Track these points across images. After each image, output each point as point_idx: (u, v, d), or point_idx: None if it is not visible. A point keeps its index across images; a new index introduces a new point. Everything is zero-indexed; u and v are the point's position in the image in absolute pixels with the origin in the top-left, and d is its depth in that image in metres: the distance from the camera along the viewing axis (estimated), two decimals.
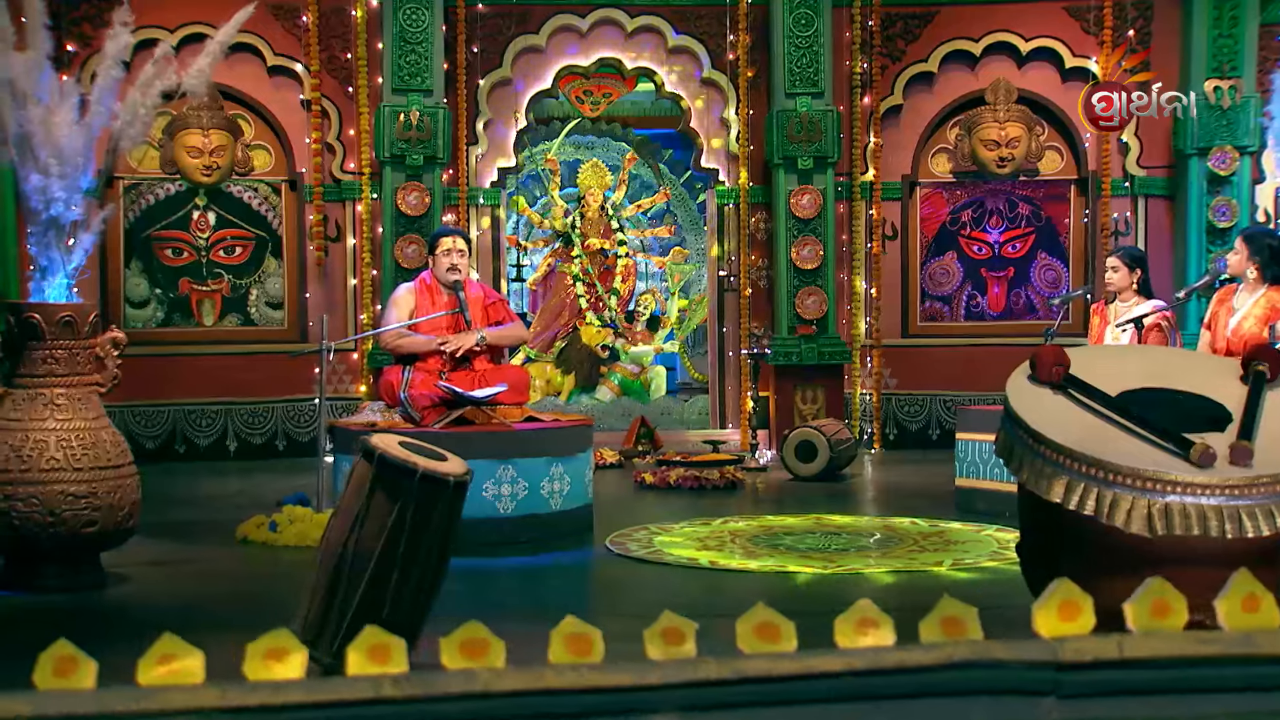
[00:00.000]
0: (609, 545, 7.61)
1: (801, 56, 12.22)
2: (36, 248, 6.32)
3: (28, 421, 6.16)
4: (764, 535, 7.97)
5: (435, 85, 12.01)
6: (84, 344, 6.30)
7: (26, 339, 6.20)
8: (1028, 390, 4.34)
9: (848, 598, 5.94)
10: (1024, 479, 4.11)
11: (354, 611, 4.61)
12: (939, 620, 1.79)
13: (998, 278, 12.94)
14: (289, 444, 12.37)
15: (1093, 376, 4.31)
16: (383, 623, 4.41)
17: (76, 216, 6.33)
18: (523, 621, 5.94)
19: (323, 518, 7.65)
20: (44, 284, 6.33)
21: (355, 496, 4.68)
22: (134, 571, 6.79)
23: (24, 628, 5.77)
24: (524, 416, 8.15)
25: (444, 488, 4.70)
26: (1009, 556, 7.20)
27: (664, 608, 5.69)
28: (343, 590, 4.64)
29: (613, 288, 14.23)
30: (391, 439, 4.82)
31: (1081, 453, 3.92)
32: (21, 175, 6.29)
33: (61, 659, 1.65)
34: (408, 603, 4.69)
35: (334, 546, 4.68)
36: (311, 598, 4.73)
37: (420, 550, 4.67)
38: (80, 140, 6.32)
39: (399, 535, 4.61)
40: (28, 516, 6.07)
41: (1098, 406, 4.20)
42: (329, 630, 4.65)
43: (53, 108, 6.28)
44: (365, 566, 4.61)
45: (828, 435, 10.48)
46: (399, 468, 4.63)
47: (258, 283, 12.51)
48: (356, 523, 4.64)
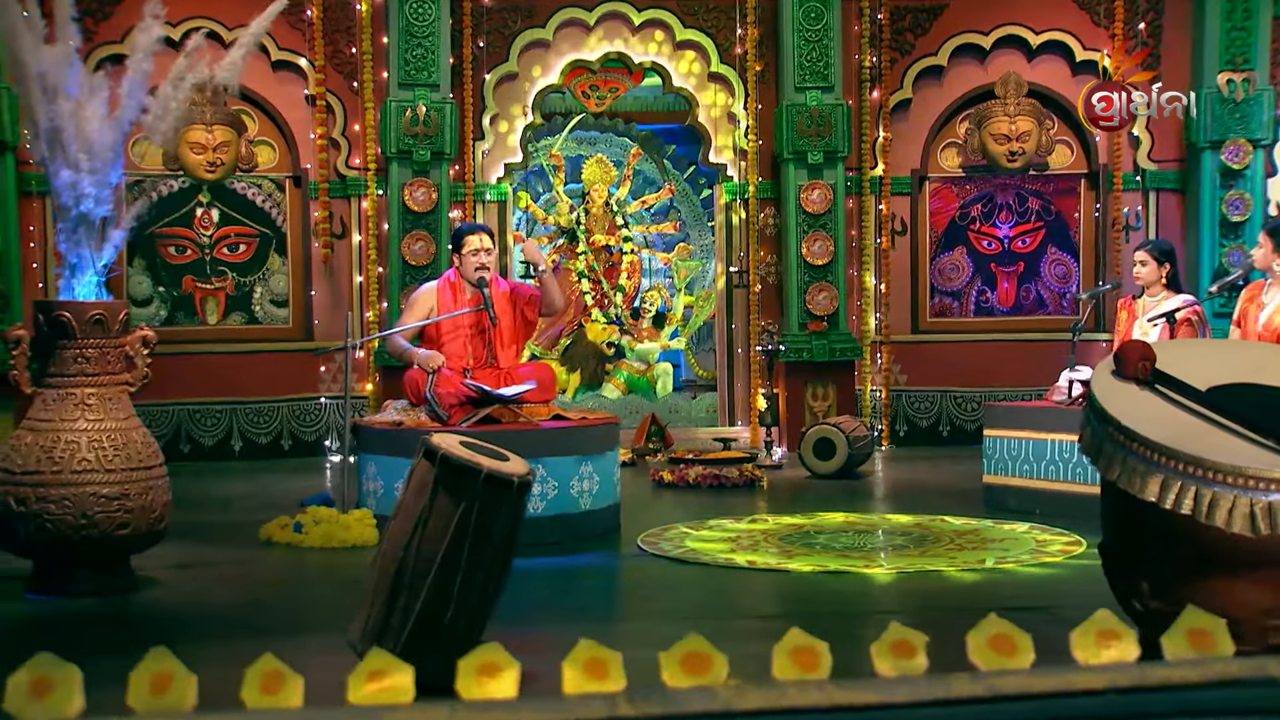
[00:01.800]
0: (641, 545, 7.48)
1: (811, 50, 12.11)
2: (66, 244, 6.17)
3: (58, 422, 6.01)
4: (796, 534, 7.86)
5: (442, 80, 11.87)
6: (114, 343, 6.16)
7: (56, 338, 6.06)
8: (1114, 387, 4.23)
9: (919, 597, 5.79)
10: (1115, 477, 4.00)
11: (416, 616, 4.48)
12: (1184, 633, 1.68)
13: (1007, 273, 12.86)
14: (295, 443, 12.22)
15: (1179, 372, 4.21)
16: (445, 627, 4.29)
17: (106, 213, 6.18)
18: (591, 623, 5.82)
19: (348, 519, 7.54)
20: (74, 281, 6.18)
21: (417, 498, 4.55)
22: (161, 575, 6.65)
23: (65, 633, 5.63)
24: (551, 415, 8.03)
25: (508, 488, 4.58)
26: (1051, 555, 7.12)
27: (722, 611, 5.52)
28: (405, 594, 4.50)
29: (618, 284, 14.11)
30: (452, 439, 4.68)
31: (1179, 450, 3.82)
32: (51, 171, 6.15)
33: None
34: (471, 606, 4.56)
35: (395, 549, 4.55)
36: (371, 602, 4.59)
37: (485, 552, 4.54)
38: (110, 135, 6.17)
39: (463, 537, 4.48)
40: (60, 519, 5.92)
41: (1188, 403, 4.11)
42: (390, 636, 4.52)
43: (82, 102, 6.13)
44: (428, 570, 4.48)
45: (846, 432, 10.38)
46: (463, 468, 4.51)
47: (262, 280, 12.36)
48: (419, 525, 4.51)
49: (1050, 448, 8.47)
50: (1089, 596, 6.24)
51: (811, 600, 6.29)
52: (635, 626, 5.81)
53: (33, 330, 6.23)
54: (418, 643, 4.45)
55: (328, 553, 7.34)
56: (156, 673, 1.51)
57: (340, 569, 7.04)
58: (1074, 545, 7.36)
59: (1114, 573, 4.38)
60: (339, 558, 7.25)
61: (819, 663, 1.67)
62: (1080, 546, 7.32)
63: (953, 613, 5.85)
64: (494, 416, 7.74)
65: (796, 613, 6.06)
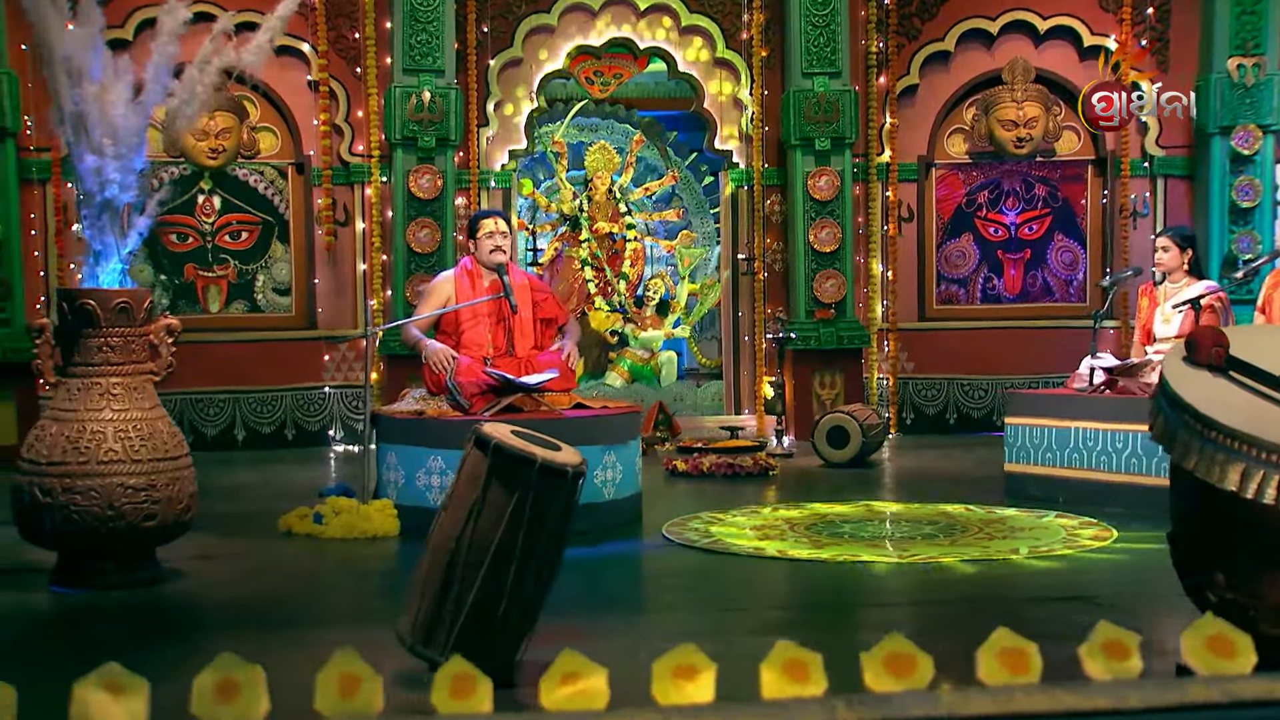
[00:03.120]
0: (666, 535, 7.40)
1: (819, 36, 12.02)
2: (90, 231, 6.06)
3: (83, 412, 5.90)
4: (821, 524, 7.77)
5: (447, 65, 11.74)
6: (139, 331, 6.06)
7: (81, 326, 5.94)
8: (1187, 373, 4.15)
9: (967, 586, 5.70)
10: (1191, 465, 3.92)
11: (470, 608, 4.39)
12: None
13: (1014, 260, 12.80)
14: (298, 433, 12.10)
15: (1253, 358, 4.13)
16: (499, 619, 4.17)
17: (131, 199, 6.07)
18: (631, 614, 5.73)
19: (369, 509, 7.44)
20: (97, 269, 6.07)
21: (469, 488, 4.45)
22: (185, 566, 6.54)
23: (100, 627, 5.55)
24: (572, 404, 7.93)
25: (562, 478, 4.49)
26: (1084, 543, 7.05)
27: (764, 601, 5.40)
28: (457, 586, 4.41)
29: (621, 272, 14.00)
30: (504, 428, 4.58)
31: (1261, 438, 3.74)
32: (75, 156, 6.04)
33: (458, 677, 1.45)
34: (525, 598, 4.47)
35: (446, 540, 4.46)
36: (420, 595, 4.50)
37: (538, 543, 4.46)
38: (135, 120, 6.06)
39: (517, 527, 4.40)
40: (86, 510, 5.81)
41: (1264, 389, 4.03)
42: (442, 628, 4.44)
43: (106, 85, 6.02)
44: (481, 560, 4.39)
45: (859, 420, 10.30)
46: (517, 458, 4.41)
47: (264, 268, 12.23)
48: (471, 516, 4.42)
49: (1074, 435, 8.41)
50: (1135, 585, 6.23)
51: (852, 591, 6.21)
52: (680, 618, 5.73)
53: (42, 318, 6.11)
54: (470, 635, 4.36)
55: (349, 544, 7.25)
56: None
57: (365, 560, 6.96)
58: (1105, 534, 7.30)
59: (1185, 563, 4.29)
60: (361, 549, 7.16)
61: (1028, 664, 1.58)
62: (1111, 535, 7.25)
63: (1020, 604, 5.81)
64: (516, 405, 7.64)
65: (839, 604, 5.99)
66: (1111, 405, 8.32)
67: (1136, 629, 1.51)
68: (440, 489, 7.31)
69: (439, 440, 7.39)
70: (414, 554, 7.04)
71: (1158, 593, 5.83)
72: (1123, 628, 1.55)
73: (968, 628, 5.22)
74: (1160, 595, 5.75)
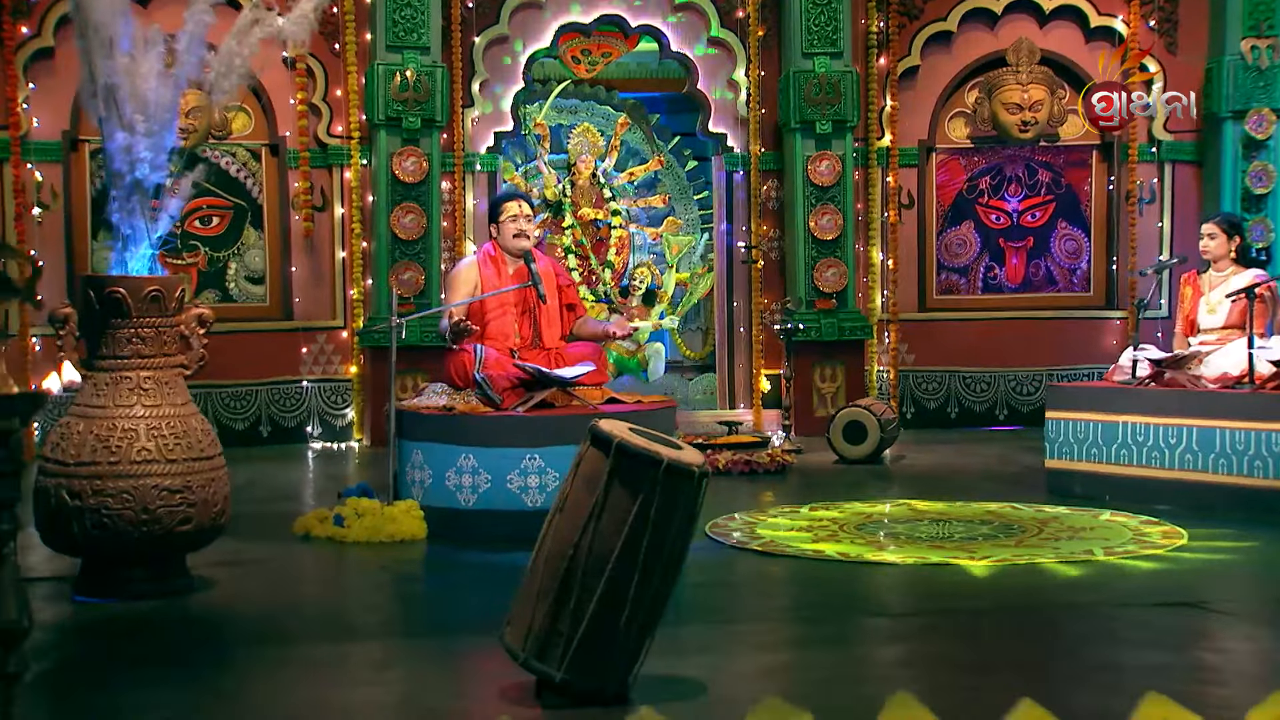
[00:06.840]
0: (710, 534, 6.95)
1: (820, 14, 11.56)
2: (119, 214, 5.59)
3: (113, 408, 5.39)
4: (868, 524, 7.33)
5: (433, 42, 11.17)
6: (171, 321, 5.54)
7: (109, 316, 5.41)
8: None
9: (1056, 591, 5.30)
10: None
11: (590, 618, 3.93)
12: None
13: (1016, 248, 12.41)
14: (274, 429, 11.48)
15: None
16: (620, 630, 3.66)
17: (162, 179, 5.56)
18: (719, 624, 5.24)
19: (394, 510, 6.94)
20: (125, 255, 5.56)
21: (588, 490, 3.97)
22: (210, 573, 6.03)
23: (143, 641, 5.08)
24: (605, 398, 7.42)
25: (688, 479, 4.02)
26: (1159, 542, 6.67)
27: (853, 608, 4.82)
28: (575, 595, 3.95)
29: (606, 260, 13.45)
30: (621, 425, 4.08)
31: None
32: (105, 133, 5.55)
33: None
34: (646, 607, 4.01)
35: (562, 547, 3.98)
36: (534, 605, 4.02)
37: (662, 548, 4.01)
38: (167, 94, 5.55)
39: (641, 532, 3.95)
40: (119, 514, 5.30)
41: None
42: (559, 641, 3.97)
43: (136, 56, 5.49)
44: (603, 567, 3.94)
45: (877, 415, 9.85)
46: (642, 458, 3.93)
47: (236, 256, 11.59)
48: (591, 519, 3.95)
49: (1121, 430, 8.02)
50: (1234, 588, 5.86)
51: (940, 597, 5.82)
52: (772, 628, 5.34)
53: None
54: (589, 648, 3.94)
55: (374, 547, 6.78)
56: None
57: (396, 566, 6.51)
58: (1174, 535, 6.89)
59: None
60: (389, 553, 6.71)
61: None
62: (1182, 535, 6.86)
63: (1121, 608, 5.46)
64: (548, 400, 7.12)
65: (933, 610, 5.60)
66: (1161, 398, 7.94)
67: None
68: (472, 489, 6.83)
69: (472, 438, 6.88)
70: (446, 559, 6.63)
71: (1271, 595, 5.51)
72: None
73: (1125, 641, 4.93)
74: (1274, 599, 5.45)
